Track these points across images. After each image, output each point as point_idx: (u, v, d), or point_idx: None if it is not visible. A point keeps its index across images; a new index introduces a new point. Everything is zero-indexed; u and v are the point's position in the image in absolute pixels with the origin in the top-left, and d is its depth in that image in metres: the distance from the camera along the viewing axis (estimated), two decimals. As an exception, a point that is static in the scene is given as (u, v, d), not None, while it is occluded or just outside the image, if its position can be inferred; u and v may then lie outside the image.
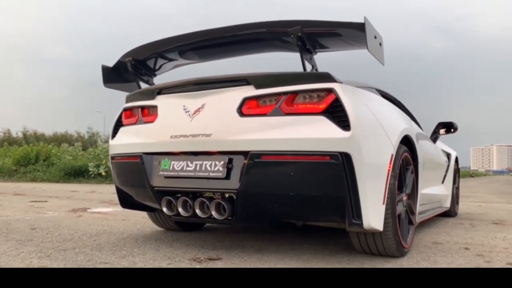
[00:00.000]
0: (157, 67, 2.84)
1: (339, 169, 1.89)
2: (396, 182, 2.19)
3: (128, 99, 2.65)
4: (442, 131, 4.14)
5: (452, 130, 4.14)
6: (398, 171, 2.23)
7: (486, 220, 4.20)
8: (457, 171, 4.72)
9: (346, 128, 1.90)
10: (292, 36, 2.15)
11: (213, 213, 2.11)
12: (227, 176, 2.07)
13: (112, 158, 2.64)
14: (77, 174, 12.94)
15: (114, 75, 2.80)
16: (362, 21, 2.01)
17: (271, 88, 2.08)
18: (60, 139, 38.91)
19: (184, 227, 2.99)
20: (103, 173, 12.46)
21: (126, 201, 2.68)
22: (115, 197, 2.72)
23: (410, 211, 2.51)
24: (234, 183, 2.05)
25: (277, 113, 2.03)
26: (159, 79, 2.85)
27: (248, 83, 2.15)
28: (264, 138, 2.00)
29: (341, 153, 1.88)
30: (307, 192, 1.97)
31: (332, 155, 1.89)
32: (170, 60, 2.82)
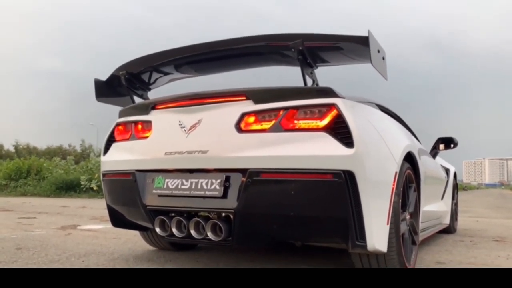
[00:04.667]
0: (151, 81, 2.74)
1: (342, 188, 1.79)
2: (400, 201, 2.11)
3: (122, 114, 2.55)
4: (441, 146, 4.07)
5: (452, 145, 4.07)
6: (401, 189, 2.14)
7: (486, 237, 4.13)
8: (455, 186, 4.64)
9: (349, 145, 1.80)
10: (293, 49, 2.07)
11: (209, 234, 1.99)
12: (224, 195, 1.97)
13: (104, 175, 2.53)
14: (69, 188, 12.71)
15: (107, 89, 2.69)
16: (365, 34, 1.96)
17: (271, 103, 1.99)
18: (53, 153, 38.53)
19: (177, 247, 2.89)
20: (95, 188, 12.26)
21: (118, 220, 2.55)
22: (106, 213, 2.61)
23: (413, 230, 2.44)
24: (231, 202, 1.94)
25: (277, 129, 1.93)
26: (154, 94, 2.76)
27: (247, 98, 2.06)
28: (263, 155, 1.91)
29: (344, 171, 1.79)
30: (308, 213, 1.87)
31: (334, 173, 1.79)
32: (166, 74, 2.73)
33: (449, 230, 4.28)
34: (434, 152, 4.01)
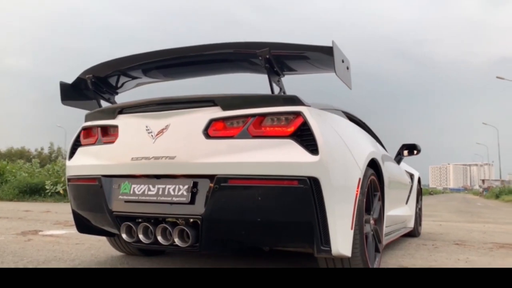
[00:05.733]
0: (119, 85, 2.71)
1: (307, 194, 1.82)
2: (364, 206, 2.17)
3: (88, 118, 2.49)
4: (405, 152, 4.20)
5: (415, 152, 4.21)
6: (365, 195, 2.20)
7: (447, 241, 4.26)
8: (419, 191, 4.78)
9: (314, 152, 1.84)
10: (260, 58, 2.09)
11: (176, 240, 1.97)
12: (192, 201, 1.96)
13: (69, 180, 2.48)
14: (33, 192, 12.25)
15: (73, 92, 2.63)
16: (330, 44, 2.00)
17: (239, 110, 2.00)
18: (15, 155, 37.05)
19: (146, 253, 2.86)
20: (61, 191, 11.89)
21: (83, 225, 2.51)
22: (71, 218, 2.54)
23: (377, 236, 2.49)
24: (199, 208, 1.94)
25: (245, 135, 1.95)
26: (121, 98, 2.73)
27: (215, 104, 2.06)
28: (231, 161, 1.92)
29: (309, 177, 1.82)
30: (275, 218, 1.89)
31: (300, 179, 1.83)
32: (133, 78, 2.69)
33: (413, 233, 4.41)
34: (398, 158, 4.13)
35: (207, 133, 2.00)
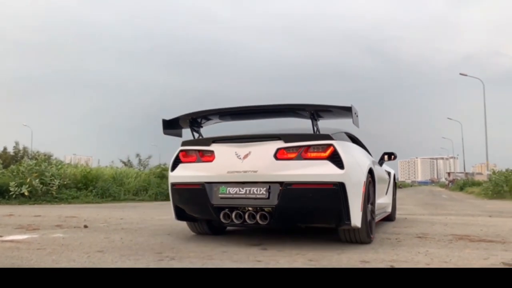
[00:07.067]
0: (203, 123, 3.98)
1: (338, 192, 3.13)
2: (366, 197, 3.48)
3: (185, 144, 3.74)
4: (386, 157, 5.51)
5: (393, 157, 5.55)
6: (367, 190, 3.50)
7: (411, 234, 4.40)
8: (395, 185, 6.24)
9: (341, 168, 3.16)
10: (307, 112, 3.47)
11: (259, 220, 3.28)
12: (268, 197, 3.24)
13: (173, 185, 3.68)
14: (-5, 194, 11.78)
15: (170, 126, 3.89)
16: (349, 105, 3.36)
17: (295, 143, 3.28)
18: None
19: (214, 232, 4.06)
20: (26, 193, 11.46)
21: (181, 215, 3.81)
22: (35, 220, 2.49)
23: (373, 214, 3.82)
24: (273, 201, 3.22)
25: (299, 158, 3.25)
26: (205, 131, 4.07)
27: (279, 139, 3.34)
28: (292, 174, 3.21)
29: (339, 182, 3.13)
30: (318, 206, 3.21)
31: (334, 183, 3.13)
32: (214, 120, 3.98)
33: (390, 217, 5.81)
34: (381, 162, 5.40)
35: (276, 156, 3.28)
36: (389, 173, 5.79)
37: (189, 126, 3.87)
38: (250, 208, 3.29)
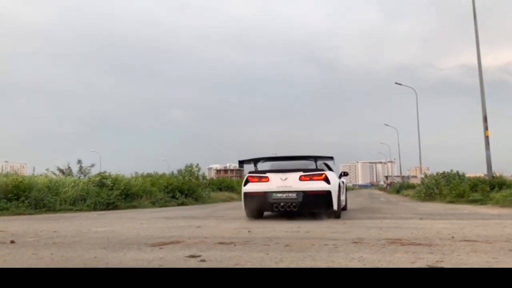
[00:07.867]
0: (258, 163, 8.52)
1: (328, 195, 7.48)
2: (339, 196, 8.03)
3: (250, 173, 8.06)
4: (343, 173, 9.95)
5: (345, 174, 10.11)
6: (339, 193, 7.95)
7: (347, 239, 4.55)
8: (346, 188, 11.31)
9: (329, 184, 7.55)
10: (313, 158, 8.20)
11: (292, 209, 7.46)
12: (298, 198, 7.45)
13: (245, 193, 7.83)
14: None
15: (243, 163, 8.71)
16: (331, 155, 8.63)
17: (308, 173, 7.65)
18: None
19: (261, 217, 8.30)
20: None
21: (250, 213, 8.12)
22: None
23: (340, 204, 8.13)
24: (299, 200, 7.45)
25: (310, 180, 7.57)
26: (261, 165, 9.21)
27: (301, 171, 7.67)
28: (308, 187, 7.50)
29: (328, 190, 7.49)
30: (320, 201, 7.51)
31: (326, 191, 7.48)
32: (264, 161, 8.67)
33: (345, 208, 10.25)
34: (339, 175, 9.45)
35: (300, 179, 7.59)
36: (344, 182, 10.17)
37: (253, 163, 8.43)
38: (288, 203, 7.45)
